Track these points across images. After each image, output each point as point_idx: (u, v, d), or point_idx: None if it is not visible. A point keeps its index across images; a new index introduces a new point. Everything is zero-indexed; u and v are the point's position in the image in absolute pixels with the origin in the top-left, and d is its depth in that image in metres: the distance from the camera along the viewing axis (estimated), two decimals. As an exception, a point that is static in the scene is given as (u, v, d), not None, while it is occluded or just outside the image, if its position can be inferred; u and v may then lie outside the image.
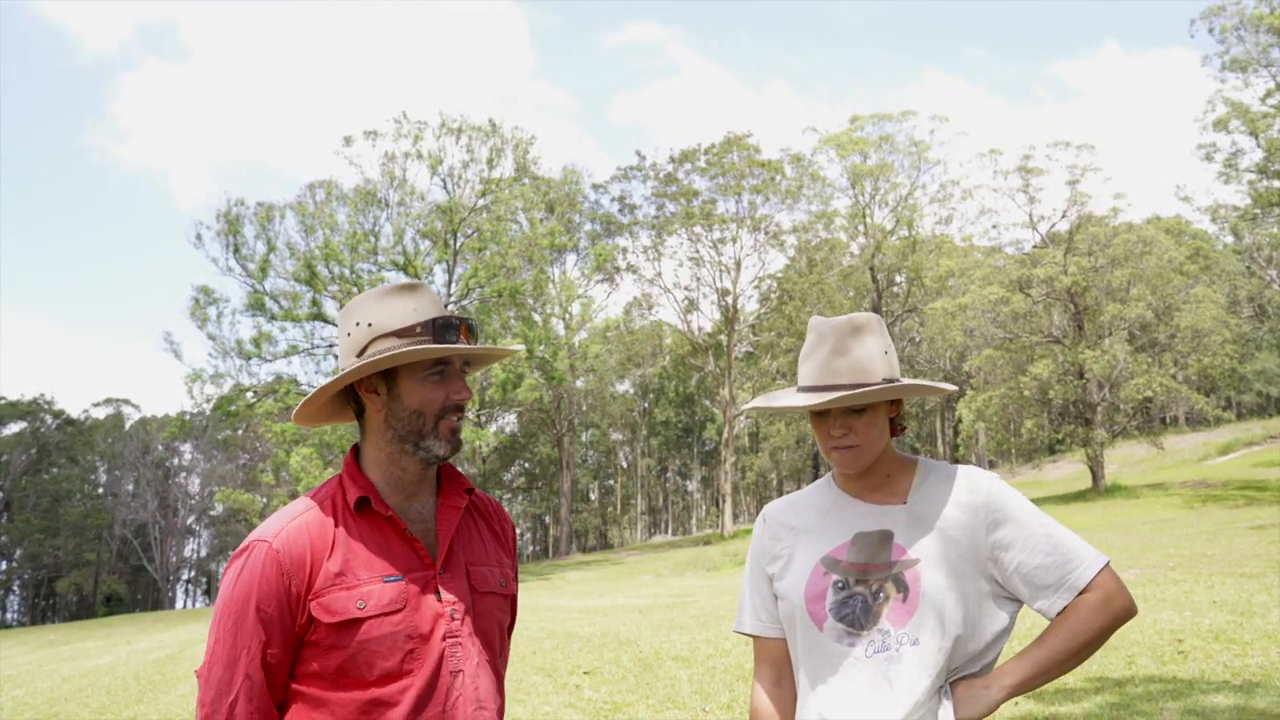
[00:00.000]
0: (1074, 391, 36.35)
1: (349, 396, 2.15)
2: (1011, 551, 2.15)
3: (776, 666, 2.34)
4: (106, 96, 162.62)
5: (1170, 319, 36.76)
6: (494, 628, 2.16)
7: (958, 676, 2.14)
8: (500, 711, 2.14)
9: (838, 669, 2.14)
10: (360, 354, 2.07)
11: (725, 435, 49.26)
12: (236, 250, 38.18)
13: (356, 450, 2.16)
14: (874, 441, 2.20)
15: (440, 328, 2.06)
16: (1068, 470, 50.52)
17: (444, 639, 2.03)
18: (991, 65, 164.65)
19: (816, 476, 79.98)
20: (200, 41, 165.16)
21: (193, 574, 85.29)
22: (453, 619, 2.05)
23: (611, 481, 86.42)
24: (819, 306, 47.85)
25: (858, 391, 2.14)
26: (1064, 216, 39.90)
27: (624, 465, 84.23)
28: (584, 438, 78.88)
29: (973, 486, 2.22)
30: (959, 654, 2.13)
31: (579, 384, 61.16)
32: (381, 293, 2.11)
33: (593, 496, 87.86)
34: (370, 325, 2.07)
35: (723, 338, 50.40)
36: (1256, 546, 16.56)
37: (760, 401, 2.30)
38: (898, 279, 53.04)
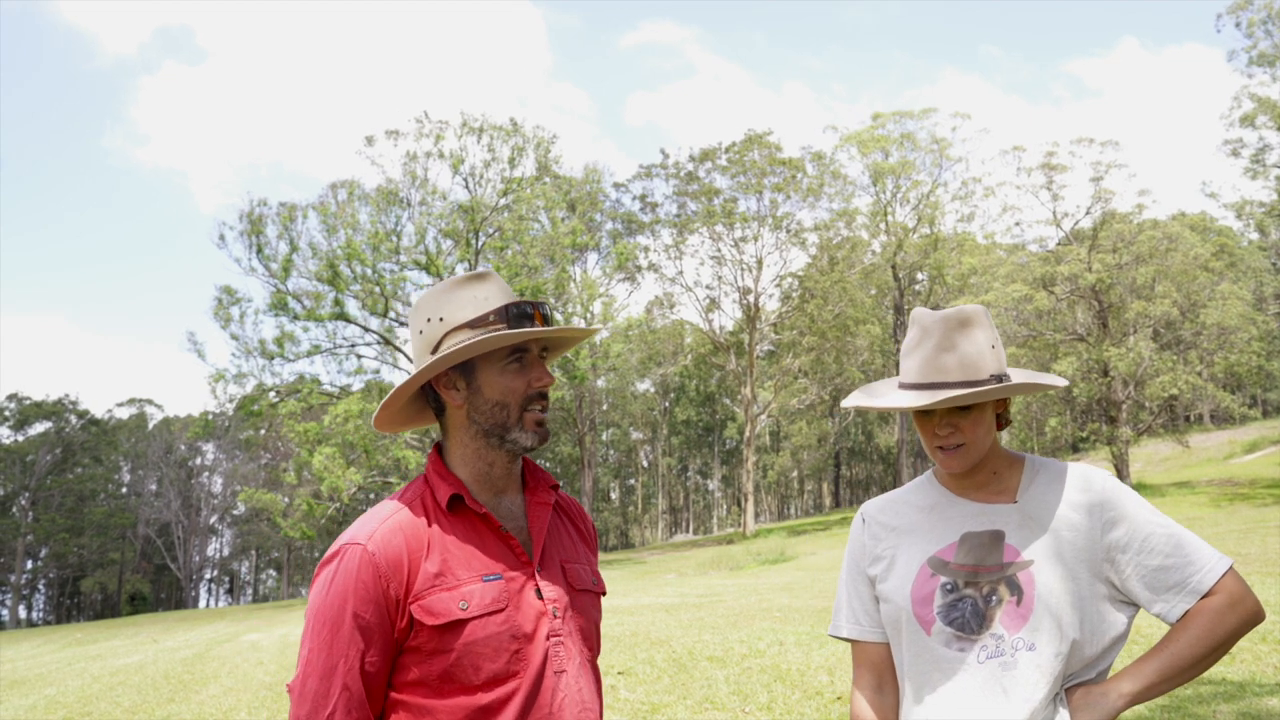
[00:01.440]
0: (1098, 389, 36.12)
1: (428, 396, 2.09)
2: (1129, 553, 2.06)
3: (877, 672, 2.25)
4: (125, 100, 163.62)
5: (1196, 316, 36.50)
6: (592, 626, 2.10)
7: (1073, 683, 2.06)
8: (601, 713, 2.07)
9: (948, 675, 2.05)
10: (434, 350, 2.01)
11: (746, 434, 49.16)
12: (259, 250, 38.29)
13: (439, 449, 2.10)
14: (981, 440, 2.12)
15: (514, 314, 2.00)
16: (1092, 469, 50.17)
17: (547, 638, 1.96)
18: (1008, 64, 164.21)
19: (838, 475, 79.87)
20: (218, 44, 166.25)
21: (215, 573, 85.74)
22: (555, 617, 1.99)
23: (632, 481, 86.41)
24: (841, 305, 47.72)
25: (969, 391, 2.04)
26: (1088, 213, 39.68)
27: (645, 464, 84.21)
28: (605, 437, 78.92)
29: (1087, 485, 2.12)
30: (1075, 659, 2.04)
31: (600, 383, 61.20)
32: (450, 285, 2.05)
33: (614, 496, 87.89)
34: (442, 319, 2.01)
35: (744, 336, 50.31)
36: (1291, 545, 16.41)
37: (861, 400, 2.21)
38: (920, 277, 52.82)
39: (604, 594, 2.22)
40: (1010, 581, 2.06)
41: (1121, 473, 36.20)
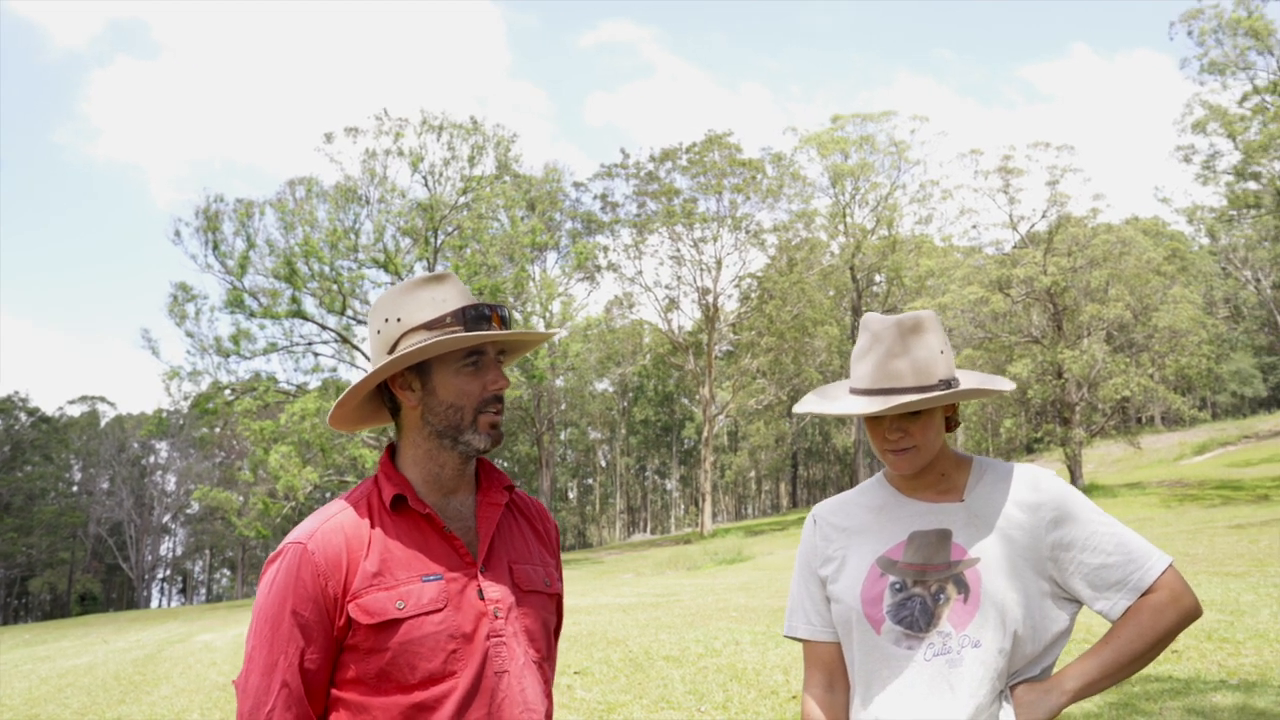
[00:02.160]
0: (1052, 391, 36.56)
1: (384, 395, 2.08)
2: (1073, 551, 2.10)
3: (829, 672, 2.27)
4: (77, 94, 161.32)
5: (1148, 319, 37.03)
6: (540, 627, 2.09)
7: (1017, 680, 2.09)
8: (549, 716, 2.07)
9: (897, 673, 2.08)
10: (391, 350, 2.00)
11: (705, 434, 49.28)
12: (215, 247, 37.87)
13: (393, 449, 2.10)
14: (931, 443, 2.14)
15: (472, 316, 1.99)
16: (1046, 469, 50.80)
17: (488, 638, 1.95)
18: (961, 67, 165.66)
19: (795, 476, 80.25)
20: (173, 37, 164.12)
21: (168, 573, 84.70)
22: (496, 618, 1.98)
23: (590, 480, 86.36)
24: (799, 306, 47.93)
25: (920, 398, 2.07)
26: (1043, 217, 40.14)
27: (603, 464, 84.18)
28: (563, 436, 78.78)
29: (1033, 485, 2.16)
30: (1019, 656, 2.07)
31: (558, 382, 61.07)
32: (408, 286, 2.04)
33: (571, 495, 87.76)
34: (399, 320, 2.01)
35: (703, 336, 50.42)
36: (1238, 546, 16.70)
37: (814, 405, 2.23)
38: (877, 278, 53.20)
39: (557, 595, 2.20)
40: (957, 579, 2.08)
41: (1074, 474, 36.65)
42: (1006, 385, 2.22)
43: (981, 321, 38.70)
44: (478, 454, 2.05)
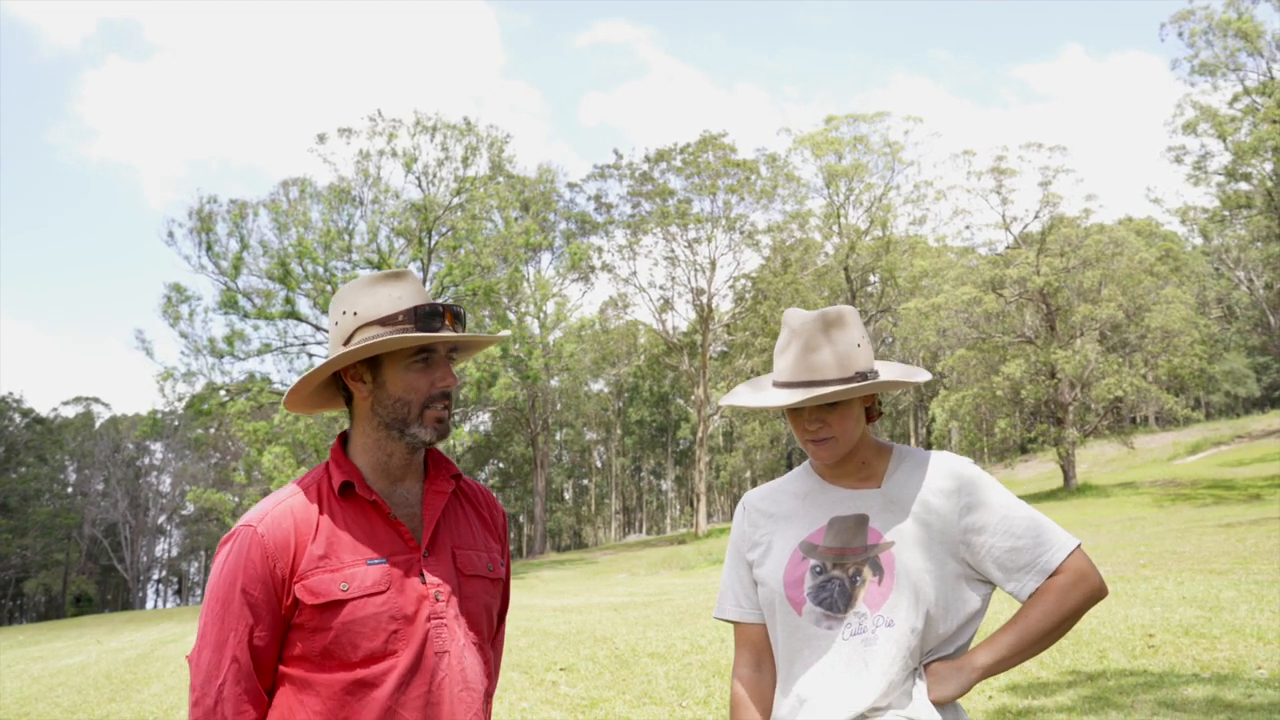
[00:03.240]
0: (1046, 391, 36.66)
1: (338, 385, 2.17)
2: (984, 535, 2.18)
3: (756, 652, 2.35)
4: (70, 94, 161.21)
5: (1141, 319, 37.14)
6: (481, 611, 2.17)
7: (932, 658, 2.17)
8: (489, 695, 2.15)
9: (816, 652, 2.17)
10: (346, 342, 2.08)
11: (700, 435, 49.33)
12: (209, 248, 37.88)
13: (344, 437, 2.18)
14: (849, 433, 2.23)
15: (424, 315, 2.07)
16: (1039, 469, 50.94)
17: (428, 620, 2.04)
18: (957, 68, 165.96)
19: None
20: (165, 38, 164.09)
21: (164, 573, 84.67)
22: (437, 600, 2.06)
23: (586, 481, 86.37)
24: (794, 306, 47.87)
25: (831, 390, 2.15)
26: (1036, 217, 40.28)
27: (598, 465, 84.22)
28: (558, 437, 78.83)
29: (948, 472, 2.24)
30: (932, 635, 2.15)
31: (553, 383, 61.11)
32: (367, 281, 2.12)
33: (567, 496, 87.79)
34: (356, 314, 2.09)
35: (697, 337, 50.46)
36: (1225, 544, 16.77)
37: (735, 399, 2.31)
38: (872, 279, 53.26)
39: (500, 580, 2.28)
40: (873, 562, 2.17)
41: (1068, 474, 36.75)
42: (922, 376, 2.30)
43: (975, 322, 38.80)
44: (423, 446, 2.14)
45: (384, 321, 2.06)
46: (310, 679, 1.99)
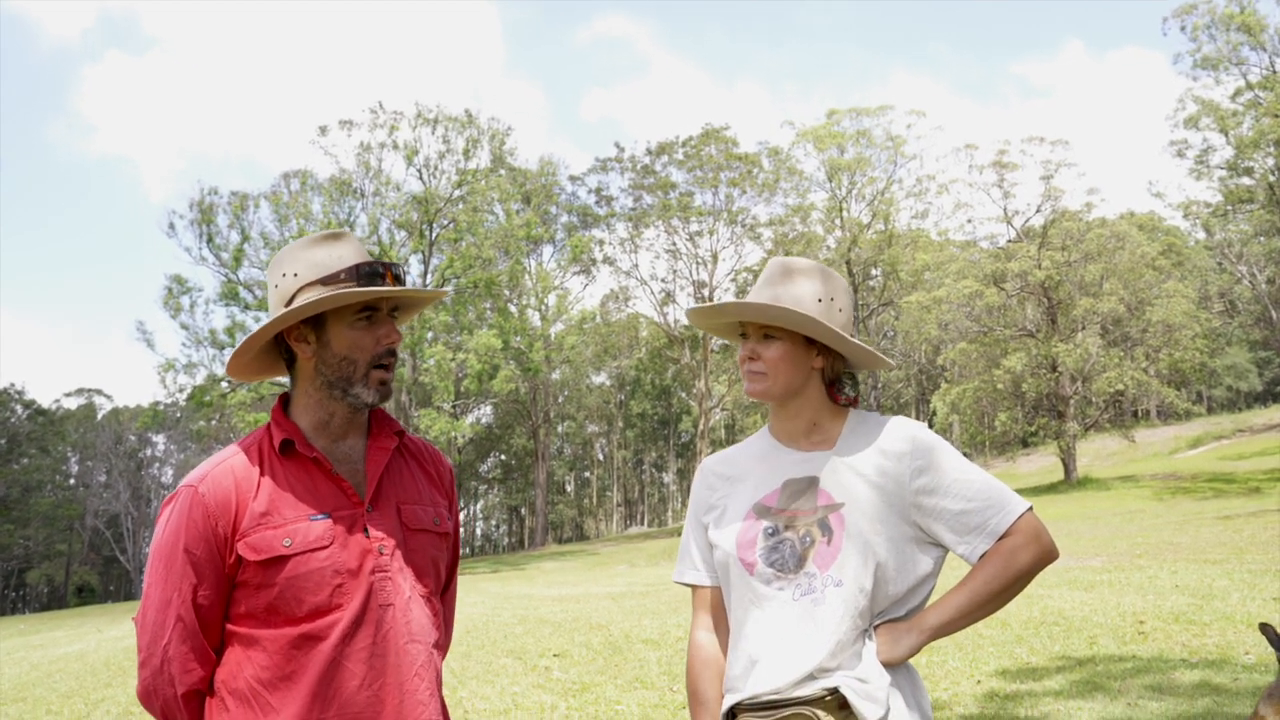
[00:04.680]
0: (1047, 385, 36.66)
1: (280, 348, 2.18)
2: (935, 497, 2.19)
3: (713, 615, 2.37)
4: (69, 89, 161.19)
5: (1142, 314, 37.13)
6: (427, 564, 2.18)
7: (883, 620, 2.19)
8: (439, 646, 2.17)
9: (767, 613, 2.18)
10: (288, 304, 2.09)
11: (701, 427, 49.34)
12: (210, 240, 37.98)
13: (285, 399, 2.19)
14: (780, 375, 2.25)
15: (366, 273, 2.08)
16: (1040, 463, 50.93)
17: (372, 573, 2.05)
18: (957, 63, 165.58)
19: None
20: (164, 32, 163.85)
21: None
22: (381, 554, 2.07)
23: (587, 473, 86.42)
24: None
25: (756, 304, 2.20)
26: (1038, 211, 40.24)
27: (600, 457, 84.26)
28: (560, 430, 78.85)
29: (900, 435, 2.25)
30: (882, 597, 2.16)
31: (555, 376, 61.10)
32: (306, 243, 2.13)
33: (569, 488, 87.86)
34: (296, 275, 2.10)
35: (698, 330, 50.35)
36: (1222, 535, 16.79)
37: (696, 307, 2.37)
38: (874, 273, 53.19)
39: (447, 533, 2.28)
40: (823, 523, 2.18)
41: (1069, 467, 36.75)
42: (887, 363, 2.34)
43: (976, 315, 38.79)
44: (366, 407, 2.15)
45: (325, 281, 2.07)
46: (256, 635, 2.01)
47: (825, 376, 2.32)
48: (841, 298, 2.29)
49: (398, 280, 2.12)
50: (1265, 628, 3.45)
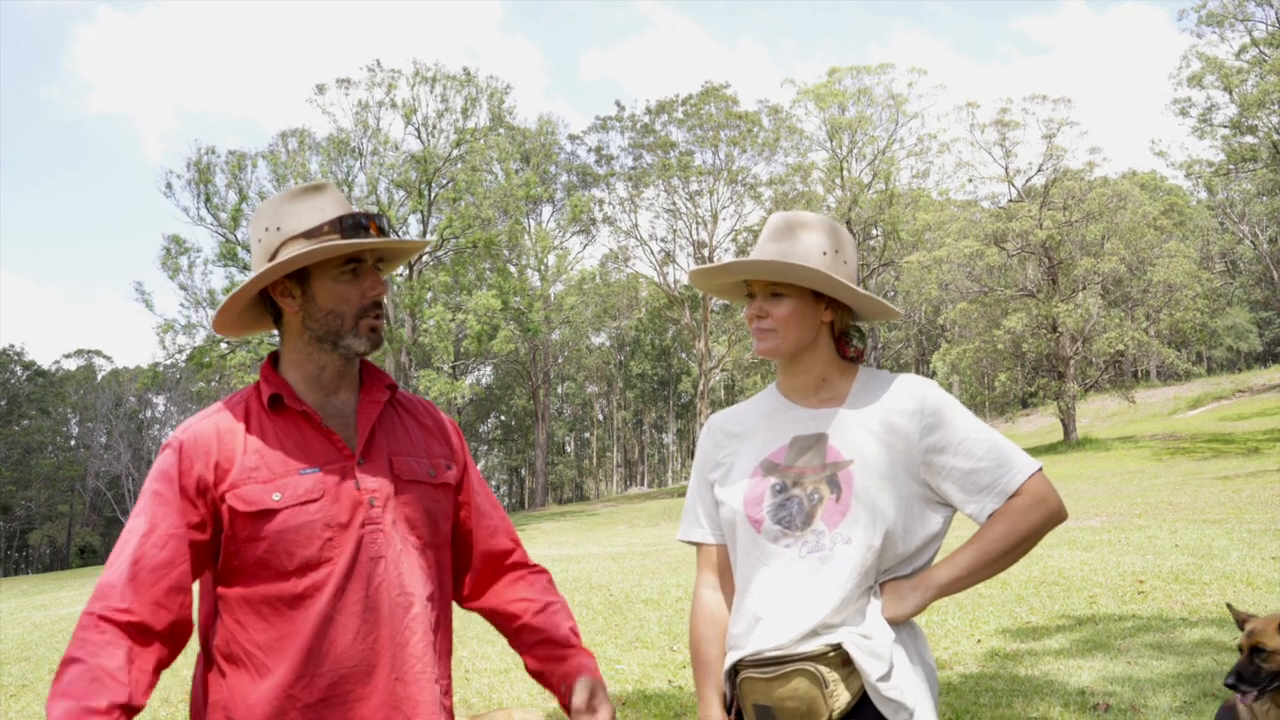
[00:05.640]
0: (1047, 345, 36.60)
1: (266, 303, 2.14)
2: (944, 455, 2.16)
3: (718, 573, 2.35)
4: (61, 49, 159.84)
5: (1143, 274, 37.02)
6: (421, 515, 2.14)
7: (889, 578, 2.16)
8: (433, 599, 2.12)
9: (773, 570, 2.15)
10: (271, 258, 2.05)
11: (701, 388, 49.36)
12: (208, 200, 37.76)
13: (275, 357, 2.15)
14: (790, 331, 2.21)
15: (349, 225, 2.05)
16: (1040, 423, 50.98)
17: (362, 526, 2.02)
18: (957, 21, 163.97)
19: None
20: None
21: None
22: (372, 506, 2.04)
23: (587, 434, 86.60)
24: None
25: (765, 261, 2.16)
26: (1039, 170, 39.97)
27: (600, 418, 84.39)
28: (560, 390, 78.97)
29: (911, 392, 2.22)
30: (889, 555, 2.14)
31: (554, 336, 61.10)
32: (287, 196, 2.09)
33: (569, 449, 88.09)
34: (279, 229, 2.06)
35: (698, 290, 50.24)
36: (1221, 495, 16.81)
37: (699, 268, 2.33)
38: (874, 232, 52.97)
39: (446, 484, 2.23)
40: (831, 480, 2.15)
41: (1068, 427, 36.77)
42: (894, 311, 2.30)
43: (977, 275, 38.63)
44: (357, 356, 2.12)
45: (309, 234, 2.04)
46: (247, 595, 1.98)
47: (834, 330, 2.29)
48: (847, 249, 2.26)
49: (381, 230, 2.08)
50: (1231, 608, 3.46)
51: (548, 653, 2.28)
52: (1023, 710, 5.66)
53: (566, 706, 2.19)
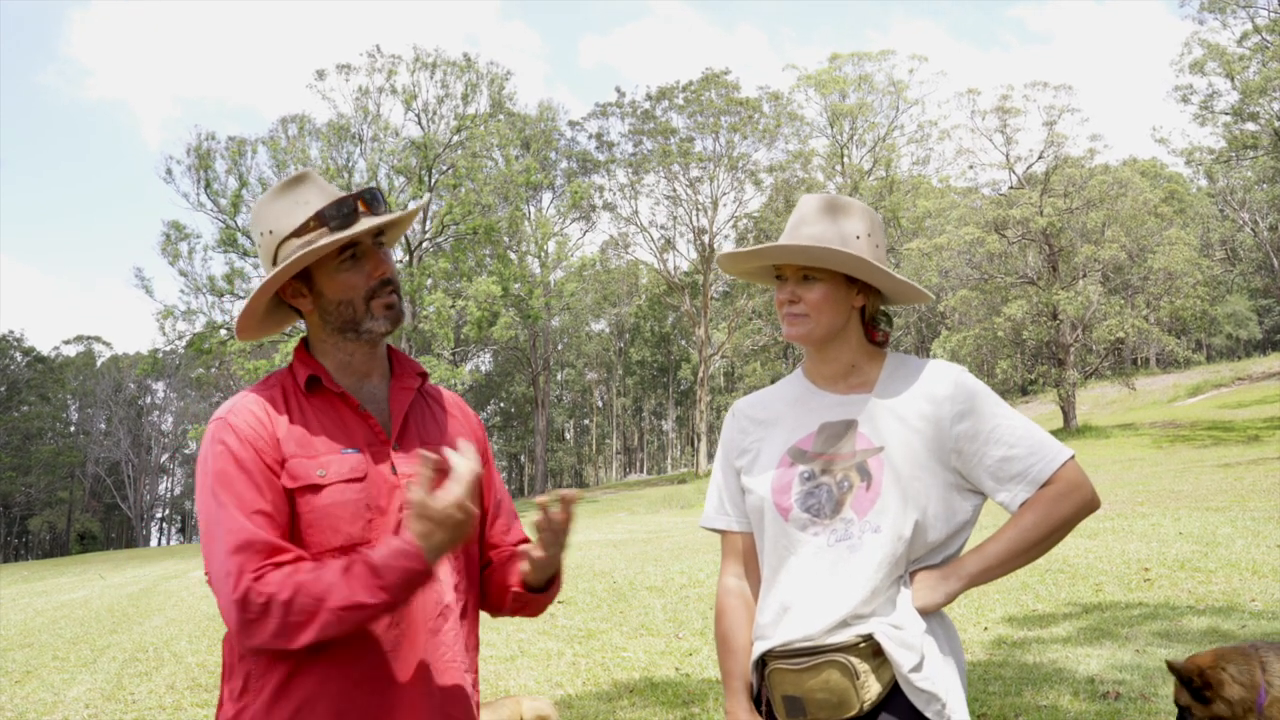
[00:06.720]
0: (1047, 332, 36.55)
1: (283, 301, 2.11)
2: (976, 443, 2.13)
3: (743, 561, 2.32)
4: (59, 34, 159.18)
5: (1143, 261, 36.93)
6: None
7: (919, 566, 2.14)
8: (459, 590, 2.09)
9: (802, 559, 2.13)
10: (274, 262, 2.03)
11: (700, 375, 49.37)
12: (208, 186, 37.71)
13: (306, 341, 2.13)
14: (823, 316, 2.18)
15: (332, 215, 2.00)
16: (1040, 410, 50.98)
17: (399, 512, 1.98)
18: (954, 7, 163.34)
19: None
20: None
21: (167, 512, 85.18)
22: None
23: (587, 421, 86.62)
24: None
25: (802, 245, 2.13)
26: (1040, 157, 39.87)
27: (599, 405, 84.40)
28: (559, 377, 78.95)
29: (941, 378, 2.19)
30: (919, 543, 2.11)
31: (554, 323, 61.08)
32: (272, 194, 2.06)
33: (568, 436, 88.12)
34: (272, 232, 2.03)
35: (699, 277, 50.29)
36: (1223, 483, 16.81)
37: (731, 250, 2.30)
38: (874, 219, 52.99)
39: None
40: (861, 468, 2.12)
41: (1068, 414, 36.76)
42: (926, 295, 2.26)
43: (977, 262, 38.56)
44: (380, 337, 2.08)
45: (298, 233, 2.00)
46: None
47: (864, 315, 2.26)
48: (879, 233, 2.24)
49: (369, 206, 2.03)
50: (1171, 664, 3.43)
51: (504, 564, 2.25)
52: (1032, 699, 5.66)
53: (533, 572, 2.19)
